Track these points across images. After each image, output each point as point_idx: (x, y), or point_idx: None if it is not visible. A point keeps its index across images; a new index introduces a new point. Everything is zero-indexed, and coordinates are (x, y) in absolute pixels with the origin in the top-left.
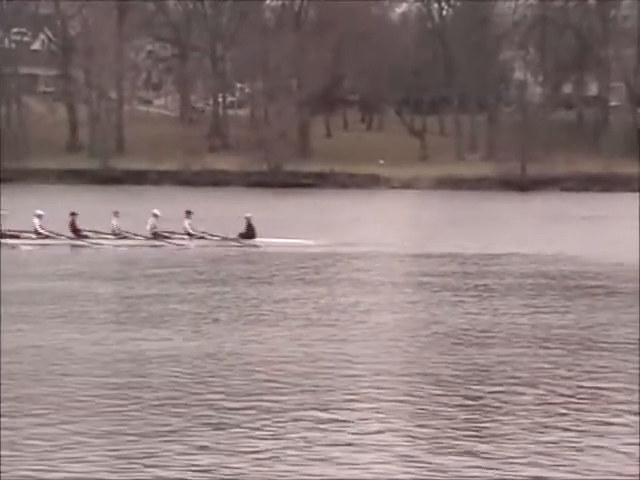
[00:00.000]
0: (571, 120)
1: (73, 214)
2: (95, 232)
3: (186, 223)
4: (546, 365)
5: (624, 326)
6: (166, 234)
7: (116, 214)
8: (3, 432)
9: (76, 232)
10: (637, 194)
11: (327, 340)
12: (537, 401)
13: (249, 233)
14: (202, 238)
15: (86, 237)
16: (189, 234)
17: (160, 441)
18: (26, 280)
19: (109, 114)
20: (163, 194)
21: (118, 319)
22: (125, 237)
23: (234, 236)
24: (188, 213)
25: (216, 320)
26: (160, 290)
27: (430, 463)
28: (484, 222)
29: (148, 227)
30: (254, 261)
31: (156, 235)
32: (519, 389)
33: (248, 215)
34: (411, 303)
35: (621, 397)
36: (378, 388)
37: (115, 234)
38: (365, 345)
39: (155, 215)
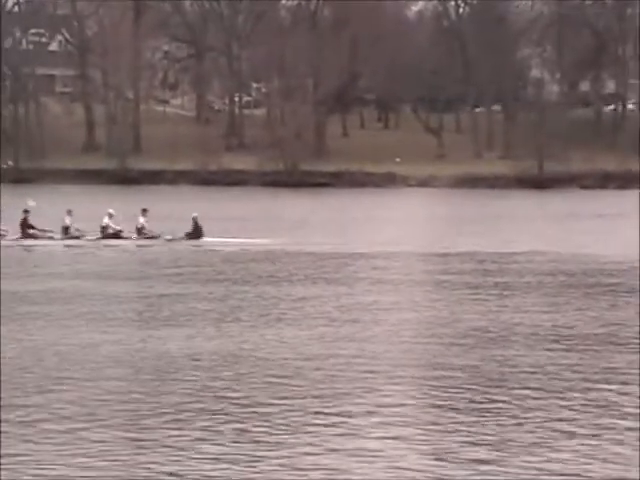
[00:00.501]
0: (588, 118)
1: (26, 212)
2: (43, 231)
3: (141, 220)
4: (568, 364)
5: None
6: (114, 233)
7: (69, 212)
8: (18, 430)
9: (25, 231)
10: None
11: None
12: (560, 402)
13: (196, 233)
14: (152, 237)
15: (33, 236)
16: (138, 232)
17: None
18: None
19: (126, 114)
20: (178, 194)
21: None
22: (76, 237)
23: (181, 235)
24: (144, 211)
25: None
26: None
27: (449, 470)
28: (502, 220)
29: (100, 227)
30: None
31: (105, 234)
32: (541, 390)
33: (195, 215)
34: (432, 301)
35: None
36: (397, 391)
37: (66, 233)
38: (386, 344)
39: (110, 215)
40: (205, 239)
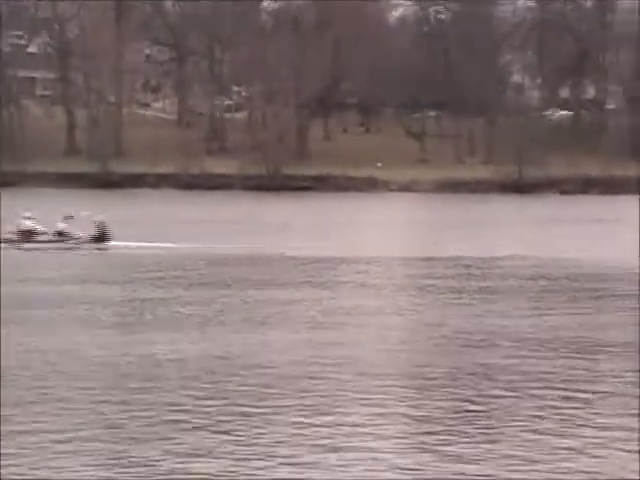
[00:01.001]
0: (569, 123)
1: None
2: None
3: (62, 225)
4: (552, 367)
5: (626, 328)
6: (29, 233)
7: None
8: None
9: None
10: (634, 196)
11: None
12: (542, 404)
13: (101, 236)
14: (60, 241)
15: None
16: (58, 235)
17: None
18: None
19: (107, 117)
20: (158, 197)
21: None
22: None
23: (88, 239)
24: (67, 217)
25: None
26: None
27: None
28: (483, 225)
29: (14, 228)
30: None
31: (22, 235)
32: (527, 392)
33: (100, 219)
34: (416, 306)
35: (627, 400)
36: (383, 393)
37: None
38: (370, 348)
39: (27, 218)
40: (112, 243)
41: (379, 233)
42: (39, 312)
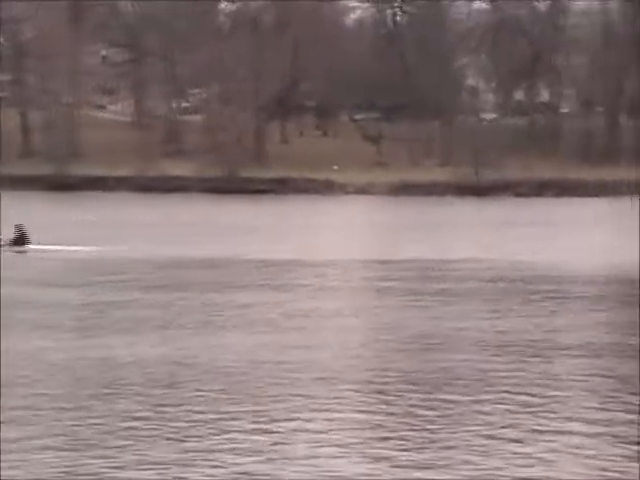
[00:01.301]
0: (524, 126)
1: None
2: None
3: None
4: (509, 371)
5: (582, 330)
6: None
7: None
8: None
9: None
10: (588, 199)
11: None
12: (498, 406)
13: (20, 240)
14: None
15: None
16: None
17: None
18: None
19: (63, 120)
20: (113, 200)
21: None
22: None
23: (6, 242)
24: None
25: None
26: None
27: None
28: (440, 227)
29: None
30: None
31: None
32: (484, 396)
33: (19, 223)
34: (375, 308)
35: (581, 402)
36: (337, 397)
37: None
38: (330, 350)
39: None
40: (30, 246)
41: (337, 236)
42: None
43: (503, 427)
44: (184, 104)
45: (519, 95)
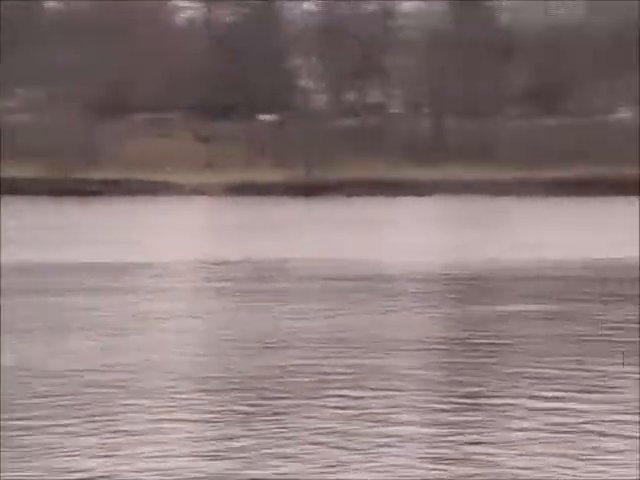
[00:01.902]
0: (355, 126)
1: None
2: None
3: None
4: (347, 367)
5: (417, 326)
6: None
7: None
8: None
9: None
10: (420, 198)
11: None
12: (336, 404)
13: None
14: None
15: None
16: None
17: None
18: None
19: None
20: None
21: None
22: None
23: None
24: None
25: None
26: None
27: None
28: (273, 228)
29: None
30: None
31: None
32: (321, 392)
33: None
34: (212, 309)
35: (412, 399)
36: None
37: None
38: (170, 352)
39: None
40: None
41: (171, 237)
42: None
43: (339, 423)
44: (8, 104)
45: (350, 96)
